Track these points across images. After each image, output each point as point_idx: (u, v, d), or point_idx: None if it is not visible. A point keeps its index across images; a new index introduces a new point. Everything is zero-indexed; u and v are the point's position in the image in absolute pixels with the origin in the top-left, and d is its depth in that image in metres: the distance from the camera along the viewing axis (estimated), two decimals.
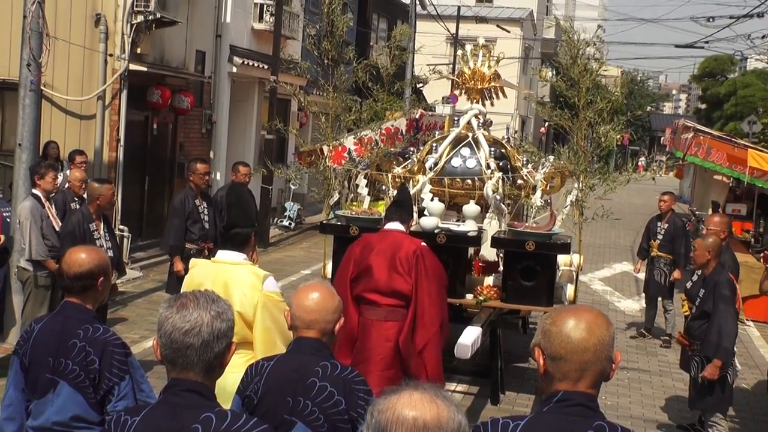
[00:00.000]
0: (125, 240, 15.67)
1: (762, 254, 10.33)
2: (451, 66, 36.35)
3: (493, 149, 10.59)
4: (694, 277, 8.75)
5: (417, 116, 12.33)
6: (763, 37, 33.94)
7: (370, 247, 7.43)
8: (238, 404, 4.04)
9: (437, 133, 11.99)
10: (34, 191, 9.71)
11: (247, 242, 5.47)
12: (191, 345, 3.09)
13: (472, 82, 10.99)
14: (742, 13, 30.33)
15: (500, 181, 10.08)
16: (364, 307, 7.43)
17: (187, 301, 3.15)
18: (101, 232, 8.99)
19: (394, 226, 7.50)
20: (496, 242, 9.46)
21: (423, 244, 7.51)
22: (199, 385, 3.13)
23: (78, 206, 9.98)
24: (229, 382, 4.12)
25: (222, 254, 5.45)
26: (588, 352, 2.89)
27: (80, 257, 4.41)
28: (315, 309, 4.04)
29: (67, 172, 11.61)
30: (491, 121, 11.41)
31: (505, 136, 19.28)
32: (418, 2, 31.74)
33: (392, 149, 11.32)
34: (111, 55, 15.80)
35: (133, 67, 15.85)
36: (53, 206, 9.89)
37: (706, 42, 36.21)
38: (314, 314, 4.03)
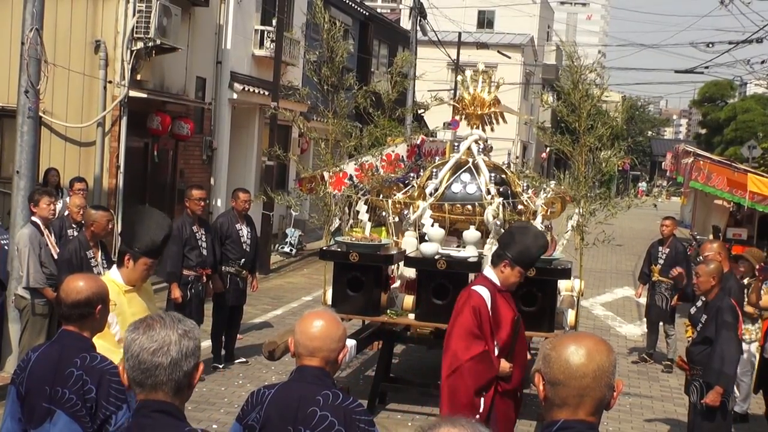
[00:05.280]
0: None
1: (758, 267, 10.27)
2: (452, 92, 36.38)
3: (493, 175, 10.56)
4: (699, 303, 8.71)
5: (418, 142, 12.29)
6: (762, 62, 33.94)
7: None
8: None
9: (438, 158, 11.97)
10: (33, 219, 9.67)
11: (120, 261, 5.63)
12: (160, 364, 3.10)
13: (472, 107, 10.97)
14: (742, 38, 30.29)
15: (501, 206, 10.06)
16: None
17: (153, 322, 3.16)
18: (98, 259, 8.92)
19: (485, 270, 7.42)
20: None
21: (473, 288, 7.18)
22: (168, 405, 3.13)
23: (75, 233, 9.93)
24: None
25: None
26: (587, 378, 2.86)
27: (78, 285, 4.38)
28: (319, 336, 3.97)
29: (67, 199, 11.57)
30: (491, 147, 11.39)
31: (506, 162, 19.24)
32: (419, 28, 31.82)
33: (393, 175, 11.29)
34: (111, 82, 15.82)
35: (132, 93, 15.87)
36: (52, 234, 9.85)
37: (706, 67, 36.25)
38: (318, 341, 3.97)
